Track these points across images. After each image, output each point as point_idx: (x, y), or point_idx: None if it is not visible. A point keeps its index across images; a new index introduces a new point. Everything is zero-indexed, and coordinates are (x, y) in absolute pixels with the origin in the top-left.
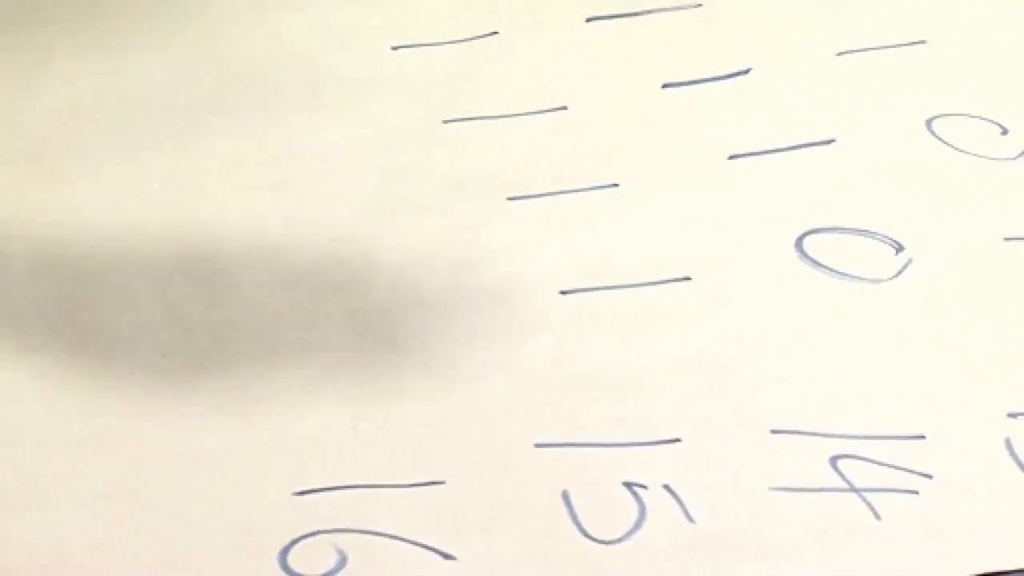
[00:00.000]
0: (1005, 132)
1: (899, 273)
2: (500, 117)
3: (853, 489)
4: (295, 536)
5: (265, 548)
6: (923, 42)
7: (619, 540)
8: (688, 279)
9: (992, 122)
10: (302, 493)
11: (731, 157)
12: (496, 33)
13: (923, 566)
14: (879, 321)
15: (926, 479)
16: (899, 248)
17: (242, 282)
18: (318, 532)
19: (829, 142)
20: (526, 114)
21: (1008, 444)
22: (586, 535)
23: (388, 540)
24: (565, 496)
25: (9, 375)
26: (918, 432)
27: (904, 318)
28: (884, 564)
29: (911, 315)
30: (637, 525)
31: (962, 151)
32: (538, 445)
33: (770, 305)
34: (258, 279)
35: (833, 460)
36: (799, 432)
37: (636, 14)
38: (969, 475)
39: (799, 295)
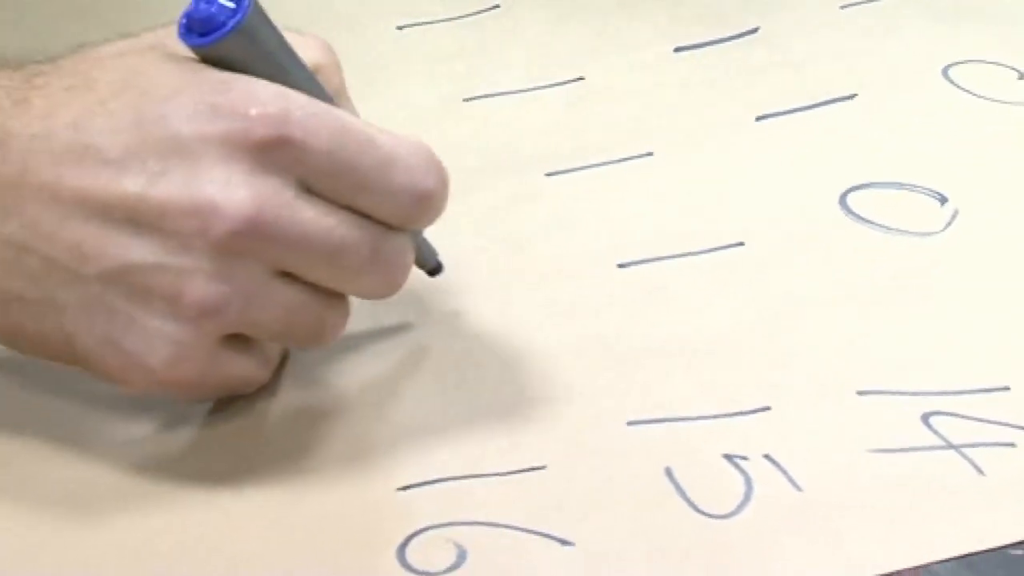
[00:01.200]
0: (1022, 76)
1: (948, 225)
2: (519, 92)
3: (951, 446)
4: (408, 533)
5: (381, 545)
6: None
7: (733, 513)
8: (742, 244)
9: (1008, 67)
10: (405, 488)
11: (758, 119)
12: (497, 7)
13: None
14: (938, 274)
15: (1020, 431)
16: (943, 200)
17: None
18: (431, 527)
19: (852, 97)
20: (544, 87)
21: None
22: (698, 511)
23: (502, 530)
24: (669, 473)
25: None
26: (1002, 384)
27: (961, 269)
28: (993, 518)
29: (968, 266)
30: (747, 497)
31: (982, 97)
32: (630, 423)
33: (827, 265)
34: None
35: (925, 418)
36: (885, 392)
37: None
38: None
39: (853, 253)
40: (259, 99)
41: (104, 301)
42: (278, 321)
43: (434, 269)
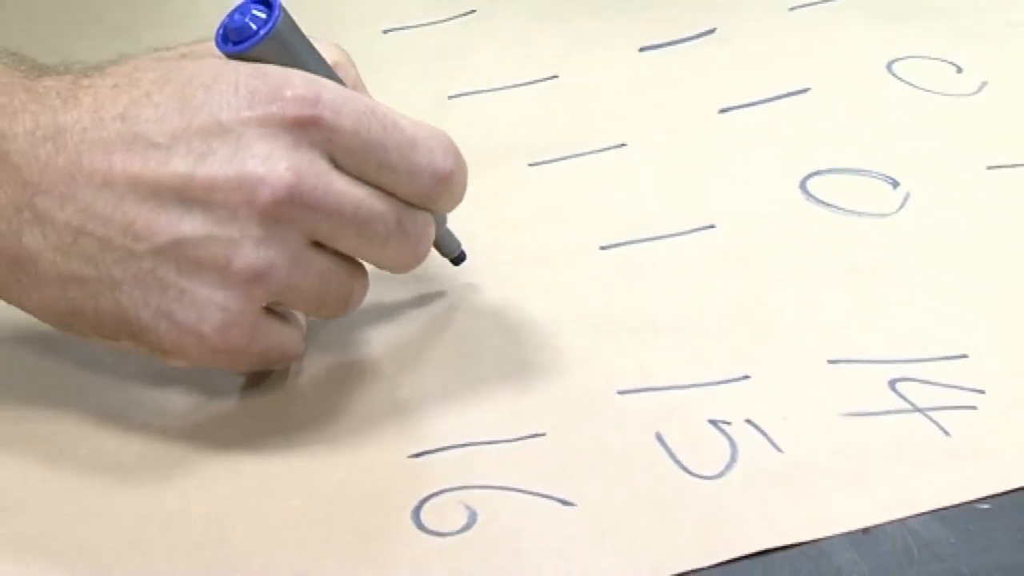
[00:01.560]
0: (960, 71)
1: (901, 206)
2: (499, 89)
3: (917, 409)
4: (422, 496)
5: (396, 509)
6: None
7: (721, 474)
8: (713, 226)
9: (947, 62)
10: (417, 455)
11: (721, 111)
12: (474, 11)
13: (1001, 473)
14: (895, 252)
15: (979, 394)
16: (895, 183)
17: None
18: (443, 491)
19: (805, 91)
20: (523, 84)
21: None
22: (688, 472)
23: (509, 493)
24: (659, 437)
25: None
26: (961, 352)
27: (917, 247)
28: (960, 475)
29: (922, 244)
30: (733, 458)
31: (924, 90)
32: (620, 392)
33: (793, 245)
34: None
35: (892, 384)
36: (854, 361)
37: None
38: (1016, 387)
39: (816, 233)
40: (293, 84)
41: (157, 276)
42: (314, 288)
43: (458, 258)
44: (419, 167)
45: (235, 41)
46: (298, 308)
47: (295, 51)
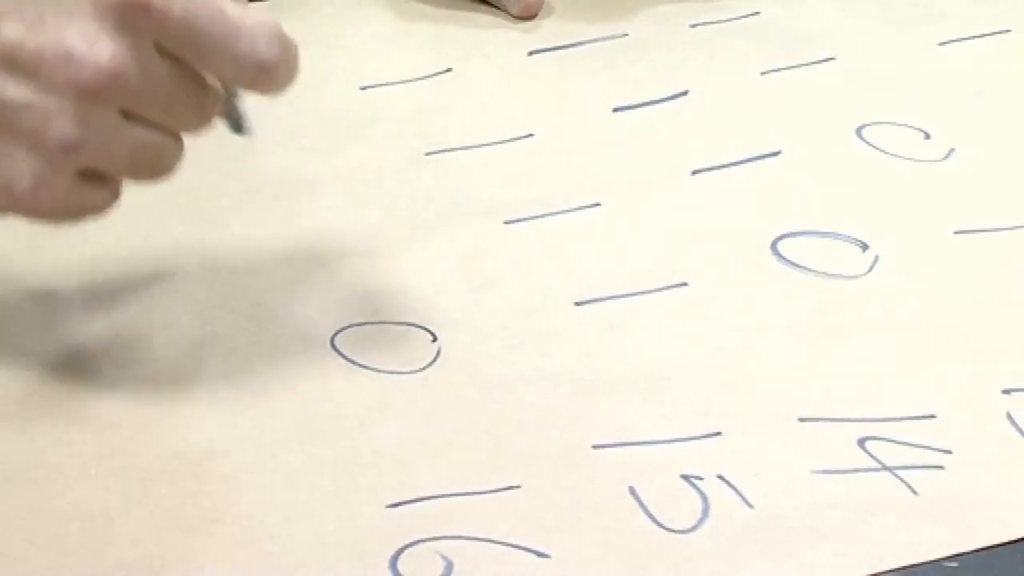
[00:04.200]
0: (928, 137)
1: (870, 269)
2: (475, 147)
3: (885, 468)
4: (399, 546)
5: (374, 558)
6: (833, 59)
7: (693, 528)
8: (685, 284)
9: (915, 128)
10: (394, 506)
11: (694, 172)
12: (450, 70)
13: (967, 532)
14: (864, 313)
15: (946, 454)
16: (864, 247)
17: (278, 313)
18: (420, 541)
19: (775, 154)
20: (498, 142)
21: (1010, 417)
22: (661, 526)
23: (485, 544)
24: (632, 491)
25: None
26: (928, 412)
27: (885, 309)
28: (928, 533)
29: (891, 306)
30: (705, 513)
31: (893, 155)
32: (595, 446)
33: (764, 304)
34: (293, 310)
35: (861, 442)
36: (824, 419)
37: (572, 45)
38: (983, 448)
39: (787, 294)
40: None
41: None
42: (127, 157)
43: (240, 129)
44: (241, 55)
45: None
46: (112, 174)
47: None
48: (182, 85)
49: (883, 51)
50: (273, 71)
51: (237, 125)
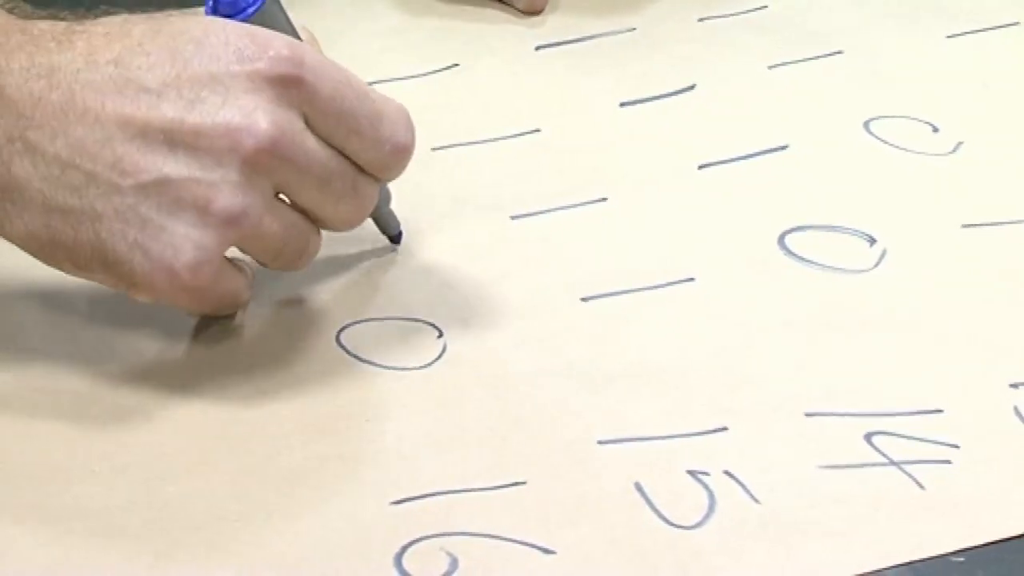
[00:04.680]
0: (936, 130)
1: (878, 263)
2: (482, 142)
3: (892, 463)
4: (404, 543)
5: (378, 555)
6: (841, 52)
7: (699, 524)
8: (692, 280)
9: (923, 121)
10: (399, 502)
11: (701, 167)
12: (456, 65)
13: (975, 527)
14: (872, 307)
15: (954, 449)
16: (872, 241)
17: (282, 309)
18: (425, 538)
19: (784, 148)
20: (505, 138)
21: (1017, 411)
22: (667, 522)
23: (490, 540)
24: (638, 487)
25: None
26: (936, 407)
27: (893, 303)
28: (934, 528)
29: (899, 300)
30: (711, 509)
31: (901, 149)
32: (600, 442)
33: (771, 299)
34: (298, 306)
35: (868, 437)
36: (831, 414)
37: (579, 40)
38: (990, 442)
39: (794, 288)
40: (278, 44)
41: (138, 211)
42: (277, 236)
43: (396, 236)
44: (383, 137)
45: (225, 14)
46: (258, 255)
47: (280, 27)
48: (335, 167)
49: (891, 44)
50: (407, 156)
51: (392, 229)
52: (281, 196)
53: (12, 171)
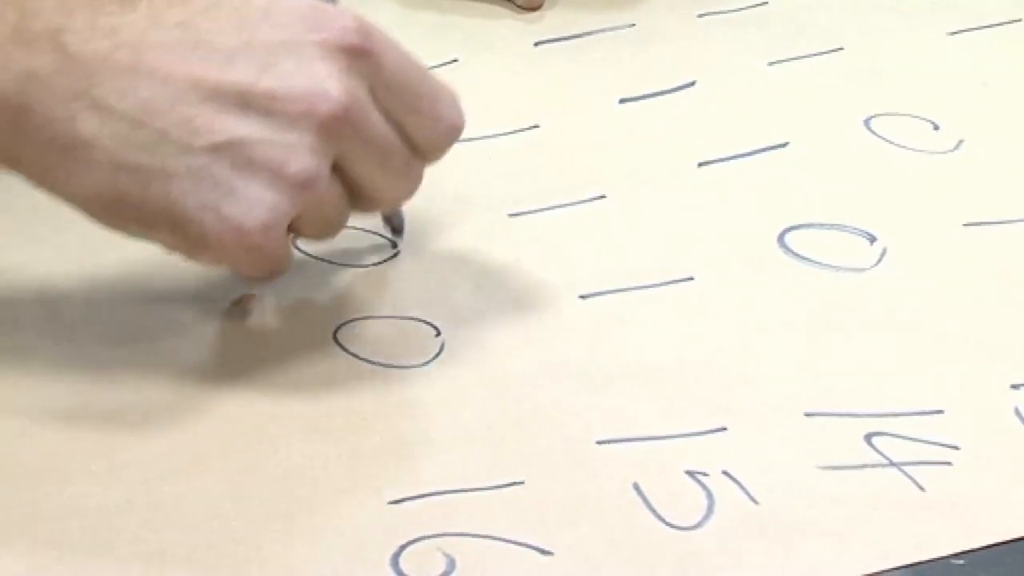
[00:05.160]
0: (937, 128)
1: (878, 262)
2: (480, 139)
3: (892, 464)
4: (400, 543)
5: (375, 555)
6: (841, 49)
7: (698, 525)
8: (691, 279)
9: (924, 119)
10: (397, 502)
11: (700, 164)
12: (456, 60)
13: (975, 529)
14: (872, 306)
15: (954, 450)
16: (872, 239)
17: (280, 307)
18: (421, 538)
19: (784, 145)
20: (503, 134)
21: (1018, 412)
22: (665, 523)
23: (488, 541)
24: (636, 487)
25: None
26: (936, 407)
27: (894, 302)
28: (935, 530)
29: (899, 299)
30: (710, 509)
31: (902, 146)
32: (599, 442)
33: (771, 298)
34: (296, 304)
35: (868, 437)
36: (830, 414)
37: (579, 36)
38: (991, 444)
39: (794, 287)
40: (346, 16)
41: (211, 171)
42: (334, 207)
43: (399, 228)
44: (440, 115)
45: None
46: (311, 223)
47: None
48: (395, 143)
49: (892, 41)
50: (458, 135)
51: (398, 225)
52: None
53: (78, 128)
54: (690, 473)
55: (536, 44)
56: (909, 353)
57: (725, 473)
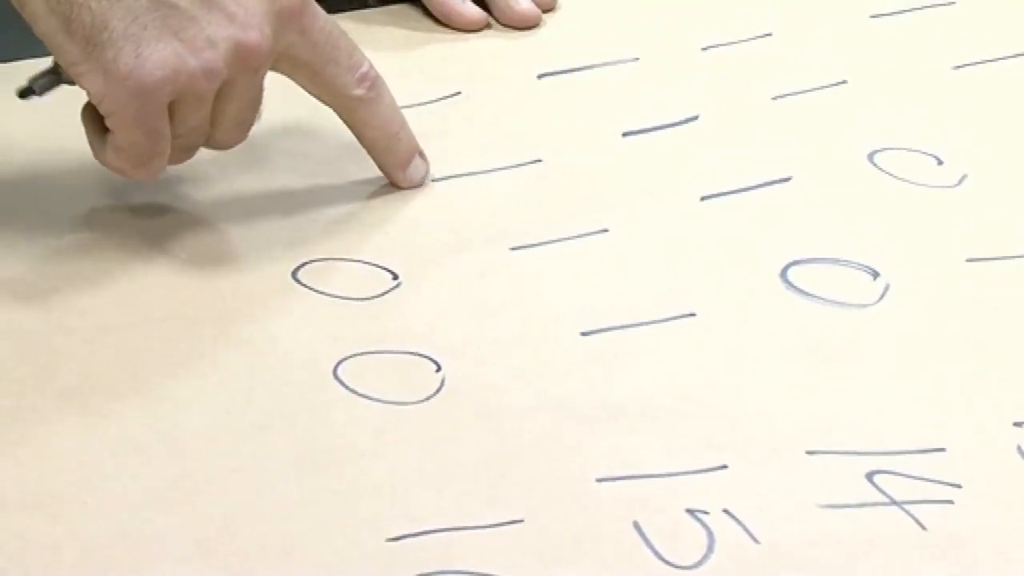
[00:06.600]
0: (940, 163)
1: (881, 298)
2: (482, 172)
3: (894, 502)
4: None
5: None
6: (845, 82)
7: (698, 564)
8: (693, 314)
9: (928, 154)
10: (396, 539)
11: (703, 198)
12: (459, 93)
13: (977, 569)
14: (875, 343)
15: (956, 488)
16: (875, 274)
17: (279, 341)
18: (421, 575)
19: (786, 180)
20: (506, 168)
21: (1020, 451)
22: (666, 562)
23: None
24: (636, 526)
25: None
26: (939, 445)
27: (897, 339)
28: (936, 569)
29: (902, 336)
30: (710, 549)
31: (905, 181)
32: (598, 479)
33: (773, 335)
34: (295, 338)
35: (869, 476)
36: (832, 452)
37: (582, 69)
38: (993, 482)
39: (796, 323)
40: None
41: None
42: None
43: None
44: (346, 83)
45: None
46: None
47: None
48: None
49: (896, 75)
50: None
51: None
52: None
53: None
54: (690, 511)
55: (539, 76)
56: (911, 390)
57: (726, 511)
